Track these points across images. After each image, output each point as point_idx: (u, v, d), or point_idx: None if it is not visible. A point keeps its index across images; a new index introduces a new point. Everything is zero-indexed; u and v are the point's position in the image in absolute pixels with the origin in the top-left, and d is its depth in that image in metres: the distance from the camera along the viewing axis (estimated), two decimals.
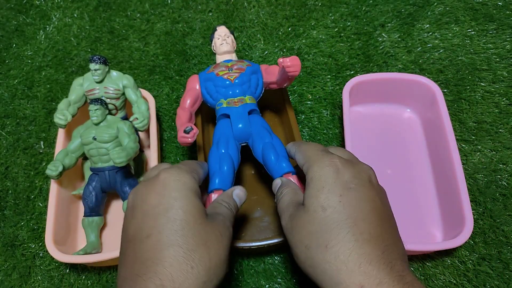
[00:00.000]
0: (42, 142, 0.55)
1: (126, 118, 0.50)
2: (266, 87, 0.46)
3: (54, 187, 0.45)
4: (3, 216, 0.50)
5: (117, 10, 0.67)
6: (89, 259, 0.41)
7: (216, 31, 0.46)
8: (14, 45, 0.65)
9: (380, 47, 0.61)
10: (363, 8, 0.65)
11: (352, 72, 0.59)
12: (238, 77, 0.43)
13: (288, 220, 0.31)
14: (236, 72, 0.43)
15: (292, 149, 0.36)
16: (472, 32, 0.61)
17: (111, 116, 0.47)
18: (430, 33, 0.61)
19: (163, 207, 0.28)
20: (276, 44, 0.63)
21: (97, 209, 0.46)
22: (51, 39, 0.65)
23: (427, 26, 0.62)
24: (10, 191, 0.52)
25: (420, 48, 0.60)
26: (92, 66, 0.45)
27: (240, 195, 0.35)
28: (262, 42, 0.63)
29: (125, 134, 0.45)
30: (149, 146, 0.48)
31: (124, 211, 0.45)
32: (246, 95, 0.43)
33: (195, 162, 0.35)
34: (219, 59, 0.46)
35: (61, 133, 0.49)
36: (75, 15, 0.67)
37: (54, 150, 0.49)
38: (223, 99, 0.43)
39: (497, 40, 0.60)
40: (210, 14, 0.67)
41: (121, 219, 0.48)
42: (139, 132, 0.50)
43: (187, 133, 0.40)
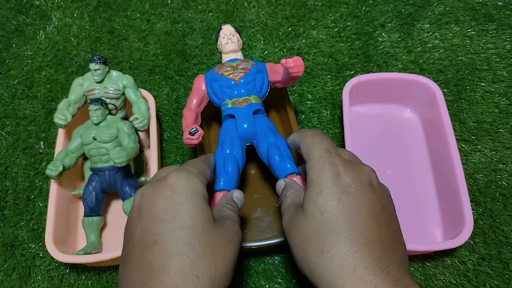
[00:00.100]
0: (42, 142, 0.55)
1: (126, 118, 0.50)
2: (271, 86, 0.46)
3: (54, 187, 0.45)
4: (3, 216, 0.50)
5: (117, 10, 0.67)
6: (89, 259, 0.41)
7: (221, 30, 0.46)
8: (14, 45, 0.65)
9: (380, 47, 0.61)
10: (363, 8, 0.65)
11: (352, 72, 0.59)
12: (243, 77, 0.43)
13: (287, 222, 0.31)
14: (241, 72, 0.43)
15: (297, 138, 0.35)
16: (472, 32, 0.61)
17: (111, 116, 0.47)
18: (430, 33, 0.61)
19: (170, 213, 0.28)
20: (276, 44, 0.63)
21: (97, 209, 0.46)
22: (51, 39, 0.65)
23: (427, 26, 0.62)
24: (10, 191, 0.52)
25: (420, 48, 0.60)
26: (92, 66, 0.45)
27: (239, 197, 0.36)
28: (262, 42, 0.63)
29: (125, 134, 0.45)
30: (149, 146, 0.48)
31: (124, 211, 0.45)
32: (251, 95, 0.43)
33: (203, 162, 0.35)
34: (225, 58, 0.46)
35: (61, 133, 0.49)
36: (75, 15, 0.67)
37: (54, 150, 0.49)
38: (228, 99, 0.43)
39: (497, 40, 0.60)
40: (210, 14, 0.67)
41: (121, 219, 0.48)
42: (139, 132, 0.50)
43: (192, 134, 0.40)
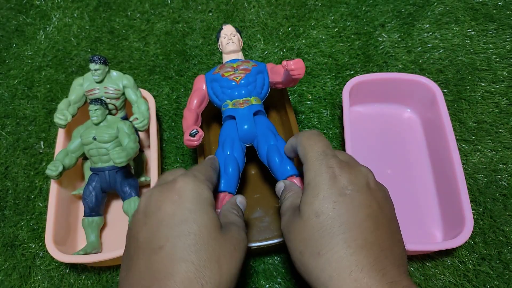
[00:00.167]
0: (42, 142, 0.55)
1: (126, 118, 0.50)
2: (272, 87, 0.46)
3: (54, 187, 0.45)
4: (3, 216, 0.50)
5: (117, 10, 0.67)
6: (89, 259, 0.41)
7: (222, 30, 0.46)
8: (14, 45, 0.65)
9: (380, 47, 0.61)
10: (363, 8, 0.65)
11: (352, 72, 0.59)
12: (243, 78, 0.43)
13: (285, 224, 0.31)
14: (242, 72, 0.43)
15: (294, 142, 0.35)
16: (472, 32, 0.61)
17: (111, 116, 0.47)
18: (430, 33, 0.61)
19: (177, 218, 0.28)
20: (276, 44, 0.63)
21: (97, 209, 0.46)
22: (51, 39, 0.65)
23: (427, 26, 0.62)
24: (10, 191, 0.52)
25: (420, 48, 0.60)
26: (92, 66, 0.45)
27: (242, 202, 0.36)
28: (262, 42, 0.63)
29: (125, 134, 0.45)
30: (149, 146, 0.48)
31: (124, 211, 0.45)
32: (252, 96, 0.43)
33: (209, 167, 0.35)
34: (226, 58, 0.46)
35: (61, 133, 0.49)
36: (75, 15, 0.67)
37: (54, 150, 0.49)
38: (229, 100, 0.43)
39: (497, 40, 0.60)
40: (210, 14, 0.67)
41: (121, 219, 0.48)
42: (139, 132, 0.50)
43: (193, 136, 0.40)
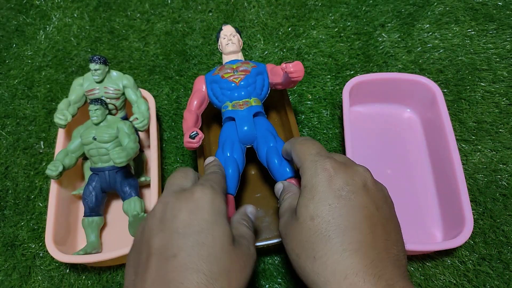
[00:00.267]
0: (42, 142, 0.55)
1: (126, 118, 0.50)
2: (272, 87, 0.46)
3: (54, 187, 0.45)
4: (3, 216, 0.50)
5: (117, 10, 0.67)
6: (89, 259, 0.41)
7: (222, 31, 0.46)
8: (14, 45, 0.65)
9: (380, 47, 0.61)
10: (363, 8, 0.65)
11: (352, 72, 0.59)
12: (243, 79, 0.43)
13: (283, 226, 0.31)
14: (242, 74, 0.43)
15: (288, 148, 0.35)
16: (472, 32, 0.61)
17: (111, 116, 0.47)
18: (430, 33, 0.61)
19: (193, 228, 0.28)
20: (276, 44, 0.63)
21: (97, 209, 0.46)
22: (51, 39, 0.65)
23: (427, 26, 0.62)
24: (10, 191, 0.52)
25: (420, 48, 0.60)
26: (92, 66, 0.45)
27: (253, 212, 0.36)
28: (262, 42, 0.63)
29: (125, 134, 0.45)
30: (149, 146, 0.48)
31: (124, 211, 0.45)
32: (252, 97, 0.43)
33: (221, 176, 0.35)
34: (225, 59, 0.46)
35: (61, 133, 0.49)
36: (75, 15, 0.67)
37: (54, 150, 0.49)
38: (229, 101, 0.43)
39: (497, 40, 0.60)
40: (210, 14, 0.67)
41: (121, 219, 0.48)
42: (139, 132, 0.50)
43: (193, 138, 0.40)
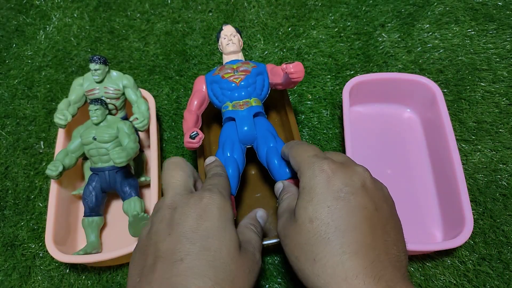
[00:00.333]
0: (42, 142, 0.55)
1: (126, 118, 0.50)
2: (272, 87, 0.46)
3: (54, 187, 0.45)
4: (3, 216, 0.50)
5: (117, 10, 0.67)
6: (89, 259, 0.41)
7: (222, 31, 0.46)
8: (14, 45, 0.65)
9: (380, 47, 0.61)
10: (363, 8, 0.65)
11: (352, 72, 0.59)
12: (243, 79, 0.43)
13: (281, 227, 0.31)
14: (242, 74, 0.43)
15: (285, 152, 0.36)
16: (472, 32, 0.61)
17: (111, 116, 0.47)
18: (430, 33, 0.61)
19: (201, 233, 0.28)
20: (276, 44, 0.63)
21: (97, 209, 0.46)
22: (51, 39, 0.65)
23: (427, 26, 0.62)
24: (10, 191, 0.52)
25: (420, 48, 0.60)
26: (92, 66, 0.45)
27: (263, 216, 0.36)
28: (262, 42, 0.63)
29: (125, 134, 0.45)
30: (149, 146, 0.48)
31: (124, 211, 0.45)
32: (252, 97, 0.43)
33: (226, 179, 0.35)
34: (226, 59, 0.46)
35: (61, 133, 0.49)
36: (75, 15, 0.67)
37: (54, 150, 0.49)
38: (229, 101, 0.43)
39: (497, 40, 0.60)
40: (210, 14, 0.67)
41: (121, 219, 0.48)
42: (139, 132, 0.50)
43: (193, 138, 0.41)
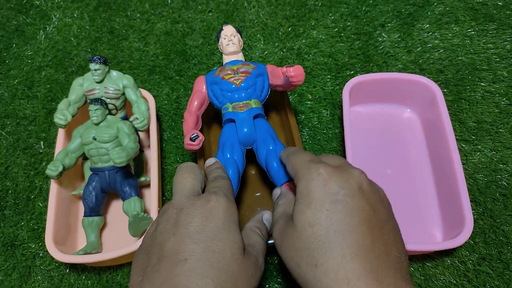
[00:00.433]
0: (42, 142, 0.55)
1: (126, 118, 0.50)
2: (272, 89, 0.46)
3: (54, 187, 0.45)
4: (3, 216, 0.50)
5: (117, 10, 0.67)
6: (89, 259, 0.41)
7: (222, 31, 0.46)
8: (14, 45, 0.65)
9: (380, 47, 0.61)
10: (363, 8, 0.65)
11: (352, 72, 0.59)
12: (243, 81, 0.43)
13: (277, 234, 0.31)
14: (242, 75, 0.43)
15: (283, 158, 0.36)
16: (472, 32, 0.61)
17: (111, 116, 0.47)
18: (430, 33, 0.61)
19: (206, 235, 0.28)
20: (276, 44, 0.62)
21: (97, 209, 0.46)
22: (51, 39, 0.65)
23: (427, 26, 0.62)
24: (10, 191, 0.52)
25: (420, 48, 0.60)
26: (92, 66, 0.45)
27: (269, 220, 0.36)
28: (262, 42, 0.63)
29: (125, 134, 0.45)
30: (149, 146, 0.48)
31: (124, 211, 0.45)
32: (252, 99, 0.43)
33: (229, 181, 0.36)
34: (226, 59, 0.46)
35: (61, 133, 0.49)
36: (75, 15, 0.67)
37: (54, 150, 0.49)
38: (229, 103, 0.43)
39: (497, 40, 0.60)
40: (210, 14, 0.67)
41: (121, 219, 0.48)
42: (139, 132, 0.50)
43: (193, 140, 0.41)
